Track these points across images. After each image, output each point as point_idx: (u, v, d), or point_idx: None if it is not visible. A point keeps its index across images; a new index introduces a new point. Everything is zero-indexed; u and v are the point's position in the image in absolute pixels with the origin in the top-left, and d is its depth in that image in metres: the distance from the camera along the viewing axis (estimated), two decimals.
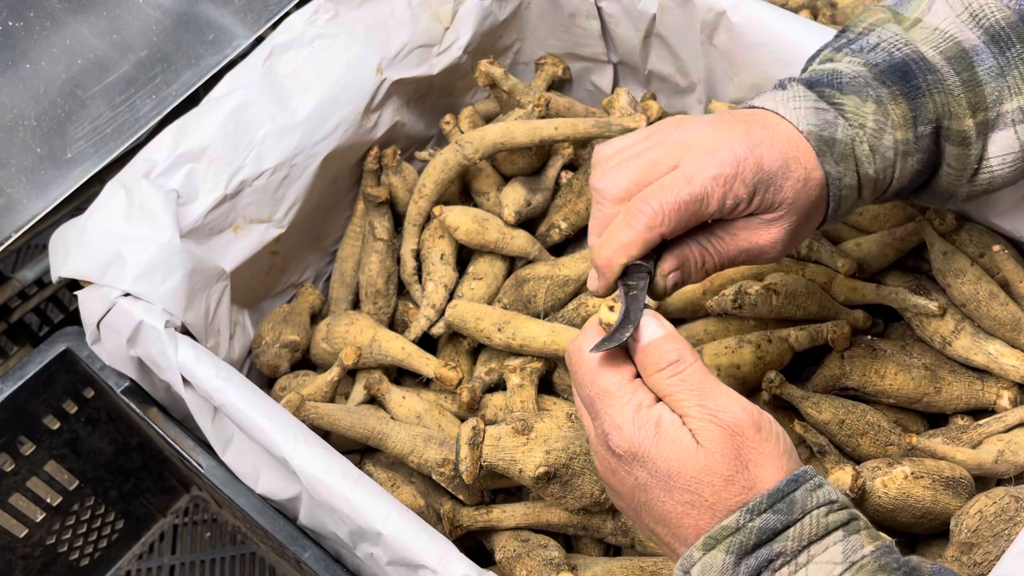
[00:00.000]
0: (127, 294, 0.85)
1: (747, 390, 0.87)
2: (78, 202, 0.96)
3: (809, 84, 0.66)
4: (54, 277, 0.89)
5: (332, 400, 0.93)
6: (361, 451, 0.92)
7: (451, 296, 0.98)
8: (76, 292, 0.88)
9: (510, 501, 0.87)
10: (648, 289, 0.62)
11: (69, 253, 0.87)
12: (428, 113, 1.11)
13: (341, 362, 0.91)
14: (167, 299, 0.85)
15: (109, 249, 0.86)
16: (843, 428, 0.82)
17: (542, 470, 0.76)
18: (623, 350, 0.60)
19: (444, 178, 0.98)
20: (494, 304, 0.96)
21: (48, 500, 1.01)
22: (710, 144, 0.61)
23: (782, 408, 0.87)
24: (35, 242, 1.26)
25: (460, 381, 0.89)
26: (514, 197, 0.98)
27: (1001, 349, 0.85)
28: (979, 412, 0.87)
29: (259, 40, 1.04)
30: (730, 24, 0.95)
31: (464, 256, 1.02)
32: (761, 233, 0.63)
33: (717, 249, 0.64)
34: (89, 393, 0.97)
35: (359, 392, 0.93)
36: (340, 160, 1.01)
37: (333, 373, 0.91)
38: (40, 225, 0.94)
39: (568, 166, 1.04)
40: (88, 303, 0.86)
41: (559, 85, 1.15)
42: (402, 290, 1.04)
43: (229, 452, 0.83)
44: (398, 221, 1.05)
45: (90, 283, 0.86)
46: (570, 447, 0.77)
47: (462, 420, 0.90)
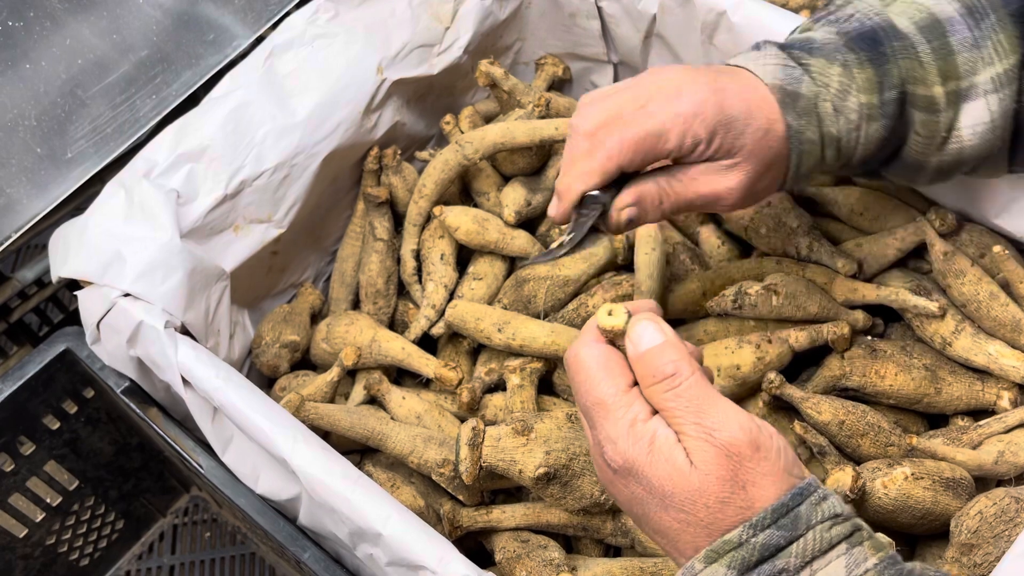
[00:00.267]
0: (127, 294, 0.85)
1: (747, 390, 0.87)
2: (78, 202, 0.96)
3: (781, 47, 0.69)
4: (54, 277, 0.89)
5: (332, 400, 0.93)
6: (361, 451, 0.92)
7: (451, 296, 0.98)
8: (76, 292, 0.88)
9: (510, 502, 0.87)
10: (603, 220, 0.67)
11: (69, 253, 0.87)
12: (428, 113, 1.10)
13: (341, 362, 0.91)
14: (167, 299, 0.85)
15: (109, 249, 0.86)
16: (843, 429, 0.82)
17: (542, 471, 0.76)
18: (622, 357, 0.60)
19: (444, 178, 0.98)
20: (494, 304, 0.96)
21: (48, 500, 1.01)
22: (676, 86, 0.65)
23: (782, 409, 0.87)
24: (35, 242, 1.25)
25: (460, 381, 0.89)
26: (514, 197, 0.98)
27: (1001, 350, 0.85)
28: (979, 413, 0.87)
29: (259, 40, 1.04)
30: (731, 24, 0.95)
31: (464, 256, 1.02)
32: (719, 179, 0.66)
33: (675, 190, 0.67)
34: (89, 393, 0.97)
35: (359, 392, 0.93)
36: (340, 160, 1.01)
37: (333, 373, 0.91)
38: (40, 225, 0.94)
39: None
40: (88, 303, 0.86)
41: (559, 85, 1.15)
42: (402, 290, 1.04)
43: (229, 452, 0.83)
44: (398, 221, 1.05)
45: (90, 283, 0.86)
46: (570, 448, 0.77)
47: (462, 420, 0.90)
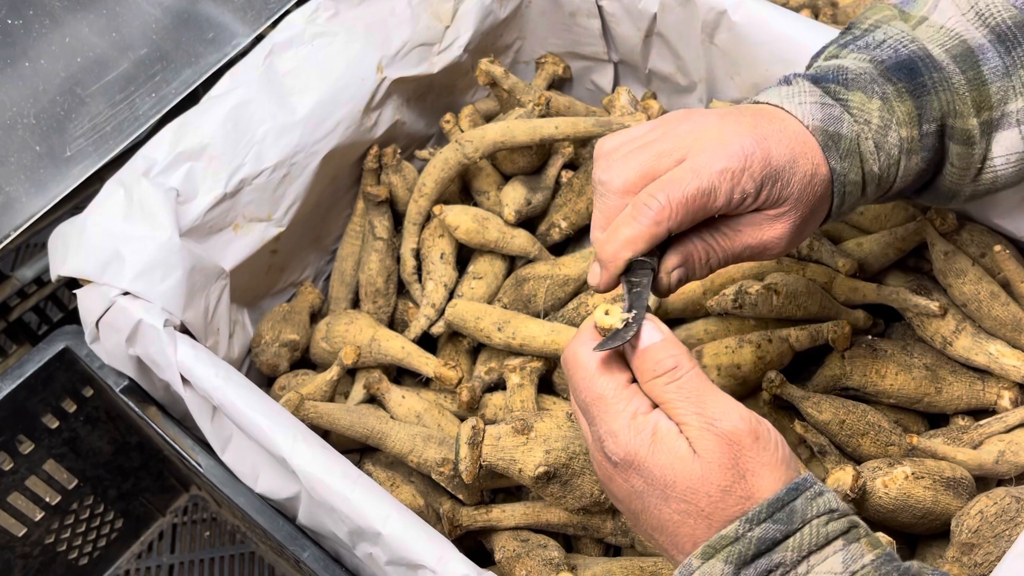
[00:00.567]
0: (126, 293, 0.85)
1: (747, 390, 0.86)
2: (77, 200, 0.96)
3: (814, 80, 0.66)
4: (53, 276, 0.89)
5: (331, 399, 0.92)
6: (360, 450, 0.92)
7: (451, 295, 0.98)
8: (75, 291, 0.88)
9: (510, 501, 0.87)
10: (651, 286, 0.62)
11: (68, 252, 0.87)
12: (428, 112, 1.10)
13: (341, 361, 0.91)
14: (166, 298, 0.85)
15: (108, 248, 0.86)
16: (844, 428, 0.82)
17: (542, 470, 0.76)
18: (619, 354, 0.60)
19: (444, 177, 0.98)
20: (494, 303, 0.96)
21: (47, 499, 1.01)
22: (718, 137, 0.61)
23: (782, 408, 0.87)
24: (34, 240, 1.25)
25: (460, 380, 0.89)
26: (514, 196, 0.98)
27: (1002, 349, 0.85)
28: (980, 412, 0.87)
29: (259, 38, 1.04)
30: (731, 23, 0.95)
31: (464, 255, 1.01)
32: (766, 229, 0.63)
33: (721, 245, 0.63)
34: (88, 392, 0.97)
35: (359, 391, 0.93)
36: (340, 159, 1.01)
37: (332, 372, 0.91)
38: (39, 223, 0.94)
39: (568, 165, 1.04)
40: (87, 302, 0.86)
41: (559, 84, 1.15)
42: (402, 289, 1.04)
43: (228, 451, 0.83)
44: (398, 220, 1.04)
45: (89, 282, 0.86)
46: (570, 447, 0.77)
47: (462, 419, 0.90)
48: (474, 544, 0.87)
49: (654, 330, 0.59)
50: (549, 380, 0.92)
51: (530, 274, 0.95)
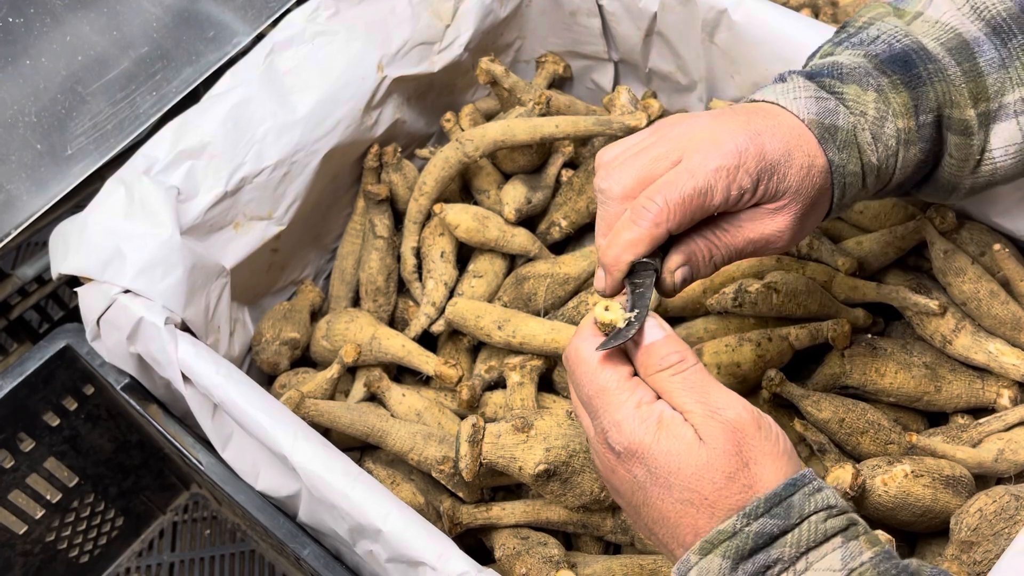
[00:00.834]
0: (127, 291, 0.85)
1: (747, 388, 0.87)
2: (78, 199, 0.96)
3: (809, 76, 0.67)
4: (54, 274, 0.89)
5: (332, 397, 0.93)
6: (361, 448, 0.92)
7: (451, 294, 0.98)
8: (76, 289, 0.88)
9: (510, 499, 0.87)
10: (656, 286, 0.62)
11: (69, 250, 0.87)
12: (429, 111, 1.10)
13: (341, 359, 0.91)
14: (167, 296, 0.85)
15: (109, 246, 0.86)
16: (843, 426, 0.82)
17: (542, 467, 0.76)
18: (621, 350, 0.60)
19: (444, 176, 0.98)
20: (494, 302, 0.96)
21: (48, 497, 1.01)
22: (711, 136, 0.61)
23: (782, 406, 0.87)
24: (35, 239, 1.25)
25: (460, 379, 0.89)
26: (514, 195, 0.98)
27: (1001, 348, 0.85)
28: (979, 411, 0.87)
29: (260, 37, 1.04)
30: (731, 22, 0.95)
31: (464, 254, 1.02)
32: (767, 223, 0.63)
33: (724, 242, 0.64)
34: (89, 390, 0.97)
35: (359, 389, 0.93)
36: (340, 157, 1.01)
37: (333, 370, 0.91)
38: (40, 222, 0.94)
39: (569, 164, 1.04)
40: (88, 300, 0.86)
41: (560, 83, 1.15)
42: (402, 288, 1.04)
43: (229, 449, 0.83)
44: (398, 219, 1.05)
45: (90, 280, 0.86)
46: (570, 445, 0.77)
47: (462, 418, 0.90)
48: (474, 542, 0.88)
49: (658, 327, 0.60)
50: (549, 378, 0.93)
51: (530, 273, 0.95)
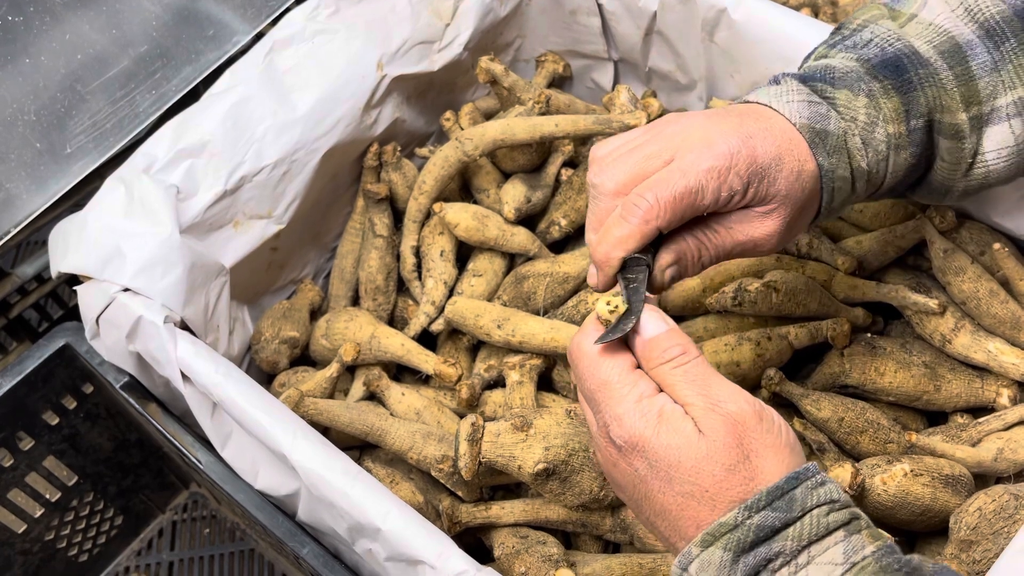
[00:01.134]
0: (126, 289, 0.85)
1: (747, 387, 0.85)
2: (78, 197, 0.96)
3: (802, 79, 0.67)
4: (53, 272, 0.89)
5: (331, 396, 0.93)
6: (360, 447, 0.92)
7: (451, 293, 0.98)
8: (75, 287, 0.88)
9: (509, 498, 0.87)
10: (647, 282, 0.63)
11: (68, 248, 0.87)
12: (428, 109, 1.10)
13: (340, 358, 0.91)
14: (166, 295, 0.85)
15: (108, 244, 0.86)
16: (842, 426, 0.82)
17: (541, 466, 0.76)
18: (623, 344, 0.60)
19: (444, 175, 0.98)
20: (494, 301, 0.96)
21: (47, 496, 1.01)
22: (704, 137, 0.62)
23: (782, 406, 0.87)
24: (34, 238, 1.25)
25: (459, 378, 0.89)
26: (514, 194, 0.98)
27: (1001, 347, 0.85)
28: (979, 410, 0.87)
29: (259, 36, 1.05)
30: (731, 21, 0.95)
31: (464, 253, 1.02)
32: (756, 225, 0.64)
33: (713, 242, 0.65)
34: (88, 389, 0.97)
35: (358, 388, 0.93)
36: (340, 156, 1.01)
37: (332, 369, 0.91)
38: (39, 220, 0.95)
39: (568, 163, 1.04)
40: (87, 298, 0.86)
41: (559, 82, 1.15)
42: (402, 287, 1.04)
43: (228, 448, 0.83)
44: (398, 218, 1.04)
45: (89, 278, 0.86)
46: (569, 443, 0.77)
47: (461, 417, 0.90)
48: (473, 541, 0.88)
49: (660, 321, 0.60)
50: (548, 378, 0.93)
51: (530, 272, 0.95)
